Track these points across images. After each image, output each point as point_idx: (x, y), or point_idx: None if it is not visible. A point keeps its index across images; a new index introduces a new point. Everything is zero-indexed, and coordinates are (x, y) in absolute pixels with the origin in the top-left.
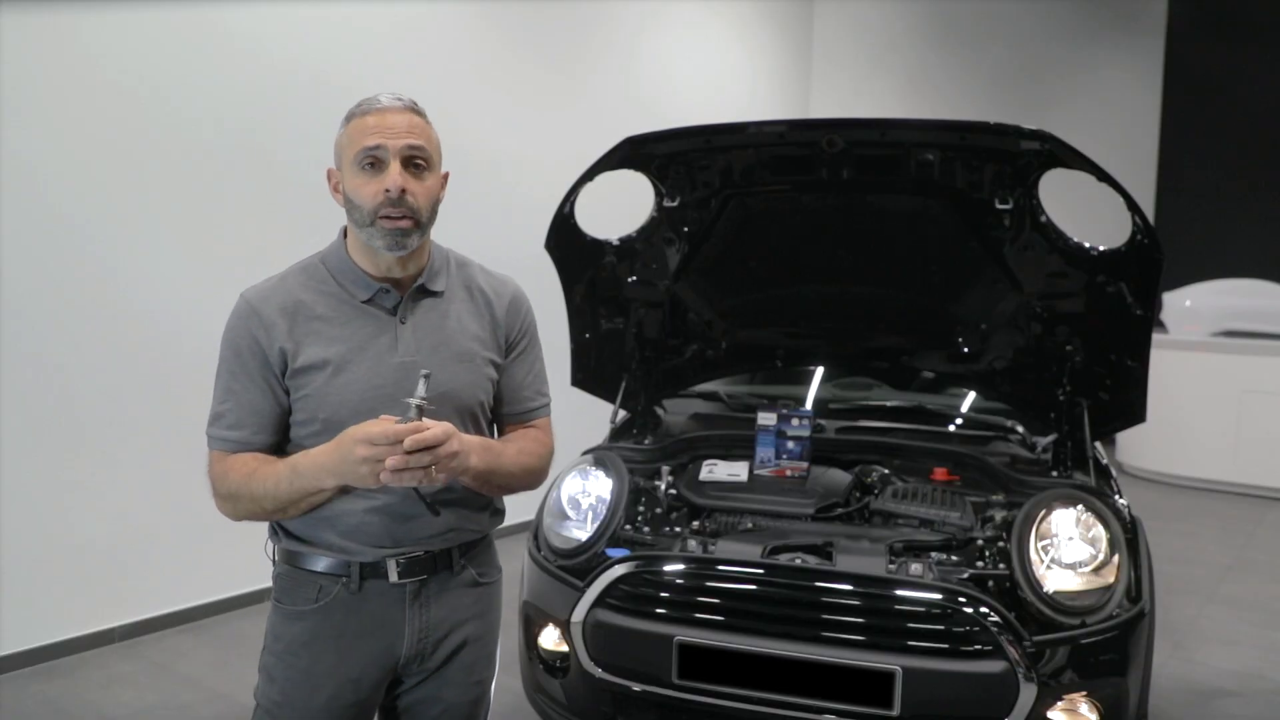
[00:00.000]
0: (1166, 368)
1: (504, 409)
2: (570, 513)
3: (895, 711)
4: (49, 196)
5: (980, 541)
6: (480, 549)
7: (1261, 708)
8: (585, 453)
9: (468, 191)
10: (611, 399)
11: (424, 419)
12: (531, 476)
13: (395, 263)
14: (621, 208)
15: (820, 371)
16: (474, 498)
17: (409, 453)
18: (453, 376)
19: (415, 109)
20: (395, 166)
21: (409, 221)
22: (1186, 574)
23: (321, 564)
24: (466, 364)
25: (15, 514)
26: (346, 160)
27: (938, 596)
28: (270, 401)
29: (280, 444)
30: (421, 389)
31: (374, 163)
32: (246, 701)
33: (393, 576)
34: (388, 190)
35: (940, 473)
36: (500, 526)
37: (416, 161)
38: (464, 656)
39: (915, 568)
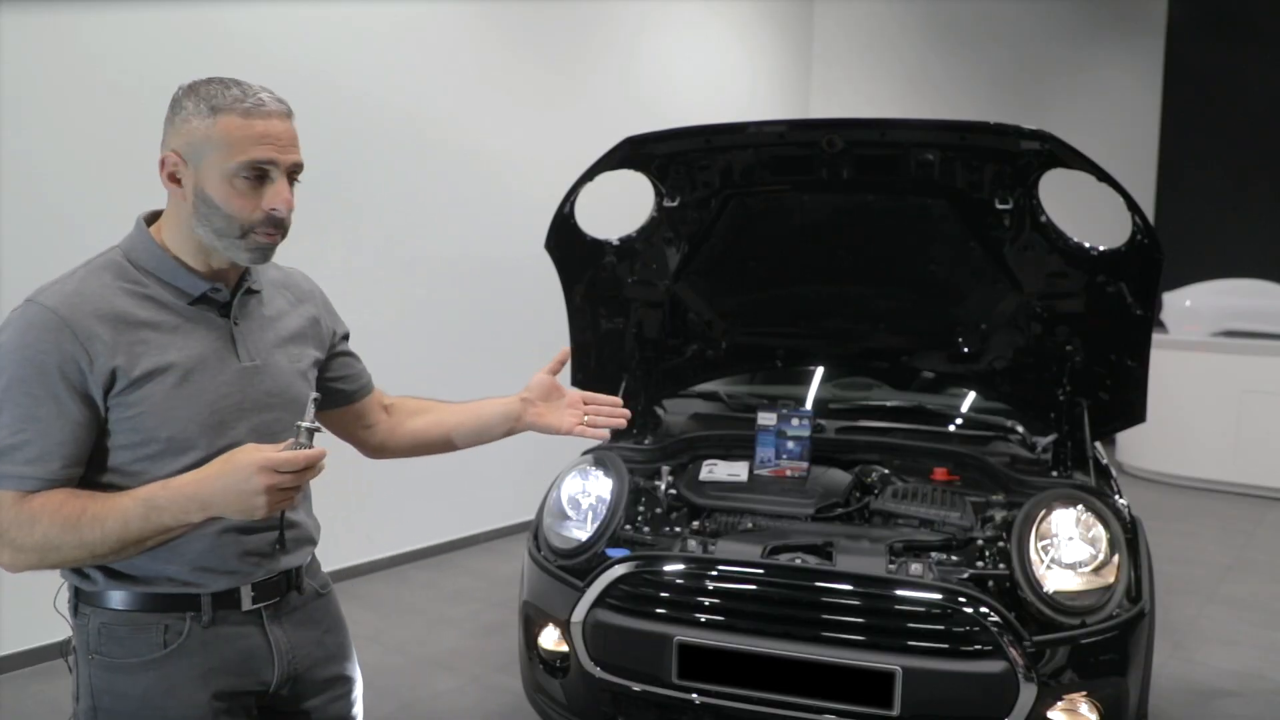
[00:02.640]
0: (1166, 368)
1: (353, 385)
2: (570, 513)
3: (895, 711)
4: (49, 196)
5: (980, 541)
6: (314, 561)
7: (1261, 708)
8: (585, 453)
9: (468, 191)
10: None
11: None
12: None
13: (226, 261)
14: (621, 208)
15: (820, 371)
16: (308, 499)
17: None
18: (290, 380)
19: (291, 113)
20: (285, 185)
21: (281, 237)
22: (1186, 574)
23: (161, 602)
24: (296, 364)
25: None
26: (217, 161)
27: (938, 596)
28: (85, 429)
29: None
30: (311, 412)
31: (259, 176)
32: None
33: (246, 604)
34: (275, 210)
35: (940, 473)
36: (500, 526)
37: (295, 177)
38: (335, 669)
39: (915, 568)
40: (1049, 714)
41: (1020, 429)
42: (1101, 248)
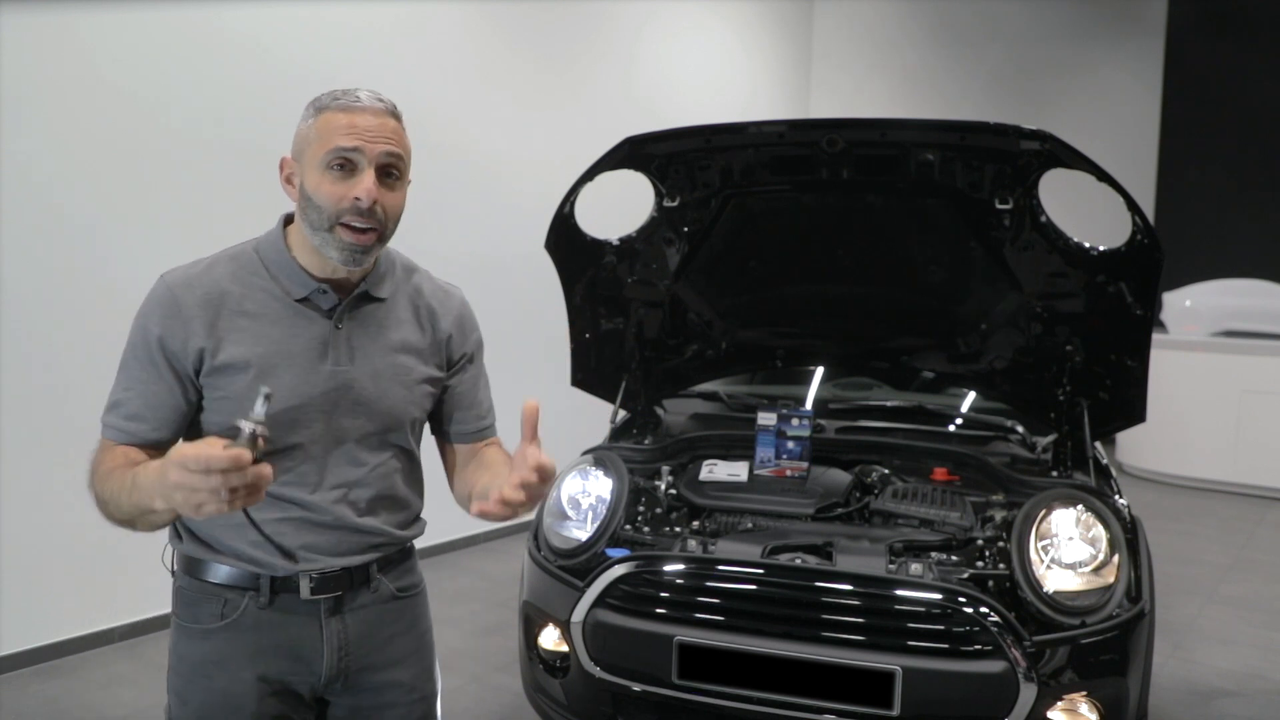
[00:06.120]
0: (1166, 368)
1: (455, 426)
2: (570, 513)
3: (895, 711)
4: (49, 196)
5: (980, 541)
6: (399, 561)
7: (1261, 708)
8: (585, 453)
9: (468, 191)
10: (611, 399)
11: (261, 443)
12: None
13: (342, 268)
14: (621, 208)
15: (820, 371)
16: (396, 504)
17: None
18: (385, 391)
19: (395, 112)
20: (370, 175)
21: (373, 235)
22: (1186, 574)
23: (226, 575)
24: (402, 378)
25: (15, 514)
26: (312, 155)
27: (938, 596)
28: (176, 398)
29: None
30: (259, 409)
31: (345, 164)
32: None
33: (305, 593)
34: (358, 199)
35: (940, 473)
36: (500, 526)
37: (391, 171)
38: (398, 674)
39: (915, 568)
40: (1049, 714)
41: (1020, 429)
42: (1101, 248)
